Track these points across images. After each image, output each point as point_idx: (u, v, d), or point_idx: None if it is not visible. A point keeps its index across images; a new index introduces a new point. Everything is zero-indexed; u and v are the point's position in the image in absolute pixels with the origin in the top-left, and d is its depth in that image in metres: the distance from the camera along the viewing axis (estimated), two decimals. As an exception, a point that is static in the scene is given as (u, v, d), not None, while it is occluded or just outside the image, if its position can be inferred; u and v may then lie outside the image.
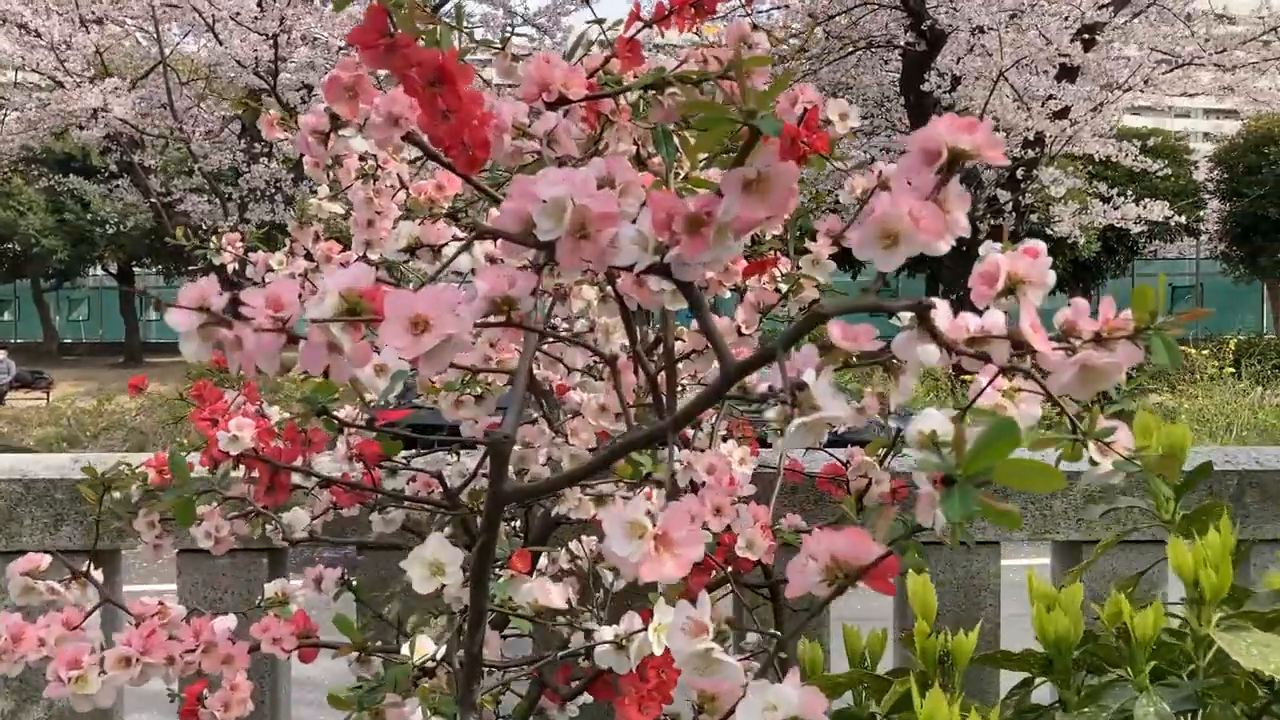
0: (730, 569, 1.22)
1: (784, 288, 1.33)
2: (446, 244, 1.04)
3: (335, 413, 1.21)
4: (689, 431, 1.47)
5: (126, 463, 1.43)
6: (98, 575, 1.20)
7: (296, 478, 1.43)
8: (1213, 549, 0.98)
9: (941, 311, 0.63)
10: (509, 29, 13.76)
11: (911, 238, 0.60)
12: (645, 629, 0.90)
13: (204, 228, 13.39)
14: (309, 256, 1.71)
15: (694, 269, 0.62)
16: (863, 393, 1.19)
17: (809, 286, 1.23)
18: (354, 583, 1.43)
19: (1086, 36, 11.03)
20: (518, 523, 1.50)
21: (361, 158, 1.45)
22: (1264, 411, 10.39)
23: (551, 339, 1.38)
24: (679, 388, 1.41)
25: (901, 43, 11.75)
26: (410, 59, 0.72)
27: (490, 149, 0.87)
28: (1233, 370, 11.43)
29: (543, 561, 1.38)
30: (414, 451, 1.64)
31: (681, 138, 1.14)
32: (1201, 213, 23.85)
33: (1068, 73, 11.54)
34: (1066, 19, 10.99)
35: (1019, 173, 12.02)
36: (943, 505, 0.47)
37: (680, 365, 1.35)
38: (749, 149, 0.59)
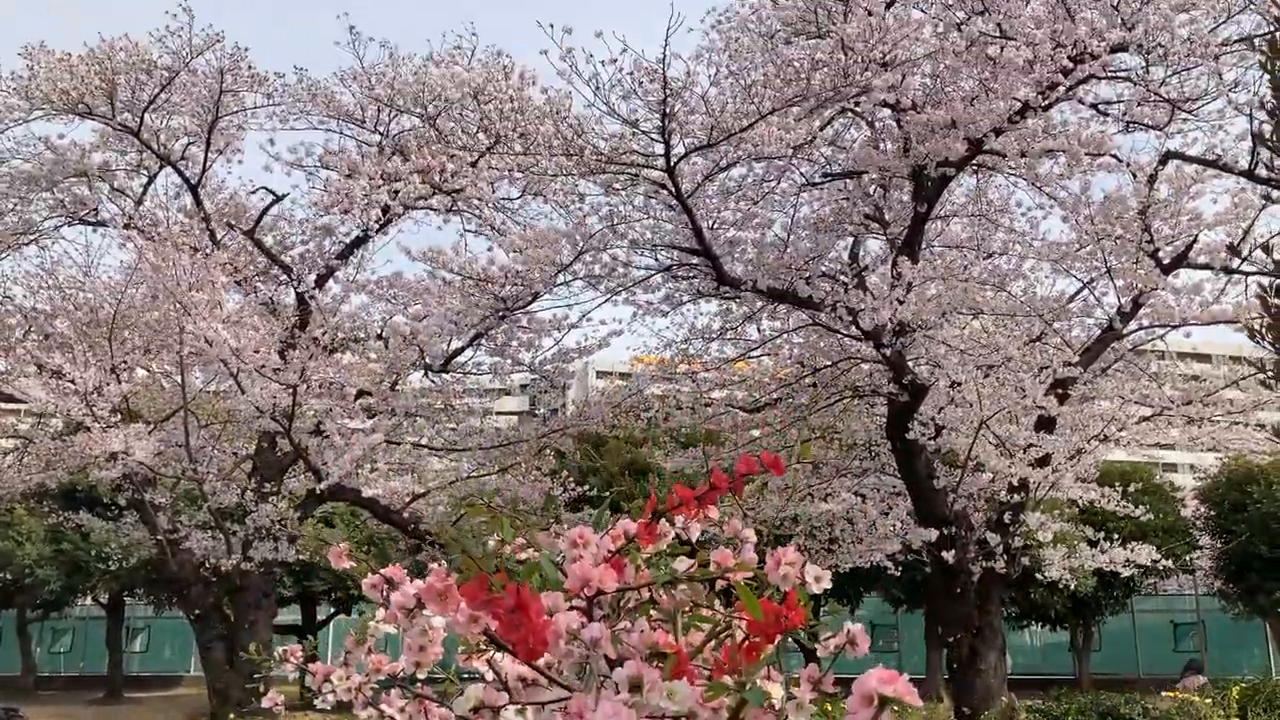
0: None
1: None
2: (504, 706, 1.30)
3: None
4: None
5: None
6: None
7: None
8: None
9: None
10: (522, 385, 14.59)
11: (856, 764, 0.86)
12: None
13: (206, 564, 13.57)
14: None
15: (706, 784, 0.88)
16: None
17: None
18: None
19: (1060, 391, 11.72)
20: None
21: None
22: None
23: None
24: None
25: (885, 392, 12.44)
26: (501, 604, 1.02)
27: (548, 646, 1.15)
28: (1239, 720, 11.22)
29: None
30: None
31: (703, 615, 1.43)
32: (1195, 551, 24.06)
33: (1045, 423, 12.15)
34: (1039, 374, 11.72)
35: (1006, 517, 12.36)
36: None
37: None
38: (742, 707, 0.87)
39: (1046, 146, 9.58)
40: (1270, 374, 3.32)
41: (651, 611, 1.52)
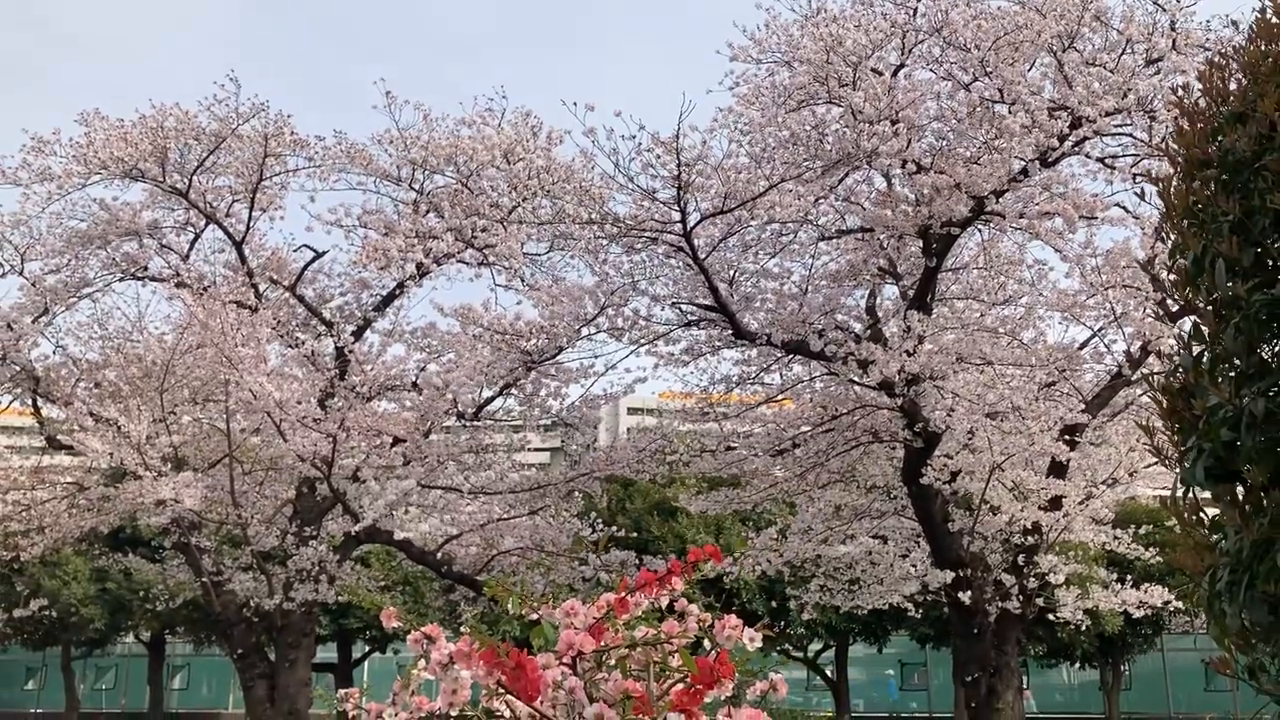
0: None
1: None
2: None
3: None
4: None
5: None
6: None
7: None
8: None
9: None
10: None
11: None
12: None
13: (249, 605, 14.15)
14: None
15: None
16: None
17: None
18: None
19: (1069, 437, 12.08)
20: None
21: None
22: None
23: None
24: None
25: (901, 438, 12.84)
26: (506, 665, 1.54)
27: (540, 691, 1.67)
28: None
29: None
30: None
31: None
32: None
33: (1057, 468, 12.51)
34: (1049, 421, 12.08)
35: (1021, 559, 12.71)
36: None
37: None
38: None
39: (1044, 209, 10.05)
40: (1166, 458, 3.77)
41: (629, 664, 2.04)
